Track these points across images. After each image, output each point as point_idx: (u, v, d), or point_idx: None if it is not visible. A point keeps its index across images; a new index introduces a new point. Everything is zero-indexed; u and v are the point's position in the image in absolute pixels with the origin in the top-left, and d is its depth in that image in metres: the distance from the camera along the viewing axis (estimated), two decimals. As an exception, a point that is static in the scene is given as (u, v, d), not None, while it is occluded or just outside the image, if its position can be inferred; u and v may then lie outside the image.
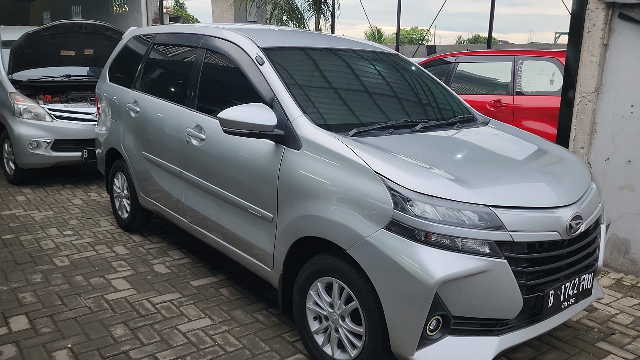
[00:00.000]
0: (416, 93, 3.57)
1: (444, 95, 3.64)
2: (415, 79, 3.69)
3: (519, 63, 6.28)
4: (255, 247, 3.02)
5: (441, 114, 3.42)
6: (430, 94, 3.60)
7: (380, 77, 3.58)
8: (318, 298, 2.65)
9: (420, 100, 3.51)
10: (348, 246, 2.38)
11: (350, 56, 3.57)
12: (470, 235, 2.20)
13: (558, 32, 27.73)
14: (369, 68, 3.60)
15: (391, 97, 3.41)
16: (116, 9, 13.05)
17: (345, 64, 3.50)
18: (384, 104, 3.28)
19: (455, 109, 3.52)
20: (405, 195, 2.24)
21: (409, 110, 3.31)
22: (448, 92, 3.71)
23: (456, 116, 3.37)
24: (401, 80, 3.65)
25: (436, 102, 3.56)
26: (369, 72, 3.56)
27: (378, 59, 3.70)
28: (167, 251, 4.20)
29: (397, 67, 3.75)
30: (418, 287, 2.14)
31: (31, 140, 5.74)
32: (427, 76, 3.78)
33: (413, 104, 3.43)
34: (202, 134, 3.35)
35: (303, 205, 2.62)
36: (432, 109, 3.46)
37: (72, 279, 3.65)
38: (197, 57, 3.62)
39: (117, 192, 4.69)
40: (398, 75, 3.68)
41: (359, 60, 3.59)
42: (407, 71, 3.73)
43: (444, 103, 3.57)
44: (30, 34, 5.96)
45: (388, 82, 3.56)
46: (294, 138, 2.73)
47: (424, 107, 3.46)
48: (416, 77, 3.72)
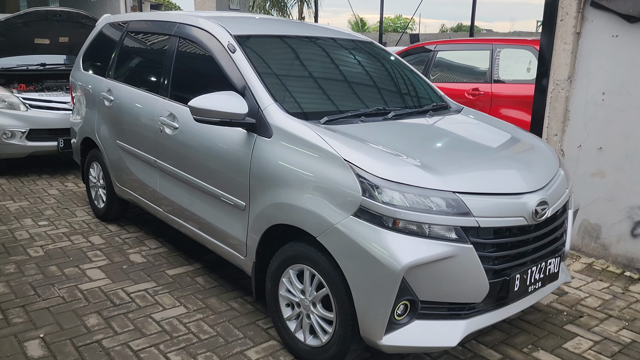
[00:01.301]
0: (390, 81, 3.58)
1: (418, 83, 3.66)
2: (390, 67, 3.70)
3: (497, 51, 6.32)
4: (228, 236, 3.03)
5: (414, 102, 3.44)
6: (404, 82, 3.62)
7: (355, 65, 3.58)
8: (290, 285, 2.67)
9: (394, 89, 3.52)
10: (318, 233, 2.39)
11: (325, 44, 3.56)
12: (437, 222, 2.23)
13: (539, 20, 27.87)
14: (343, 56, 3.60)
15: (365, 85, 3.42)
16: (94, -5, 12.83)
17: (319, 52, 3.50)
18: (357, 92, 3.29)
19: (429, 97, 3.54)
20: (373, 182, 2.26)
21: (383, 98, 3.33)
22: (422, 80, 3.73)
23: (429, 104, 3.39)
24: (375, 68, 3.66)
25: (410, 90, 3.58)
26: (343, 60, 3.56)
27: (353, 47, 3.70)
28: (144, 240, 4.19)
29: (372, 55, 3.75)
30: (385, 272, 2.16)
31: (5, 130, 5.65)
32: (401, 64, 3.79)
33: (387, 92, 3.44)
34: (175, 123, 3.34)
35: (274, 193, 2.63)
36: (405, 97, 3.47)
37: (46, 269, 3.63)
38: (171, 45, 3.59)
39: (93, 182, 4.65)
40: (372, 64, 3.69)
41: (333, 48, 3.59)
42: (381, 59, 3.74)
43: (417, 91, 3.58)
44: (2, 22, 5.85)
45: (362, 71, 3.56)
46: (265, 126, 2.73)
47: (398, 95, 3.47)
48: (391, 65, 3.73)
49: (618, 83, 3.77)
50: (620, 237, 3.87)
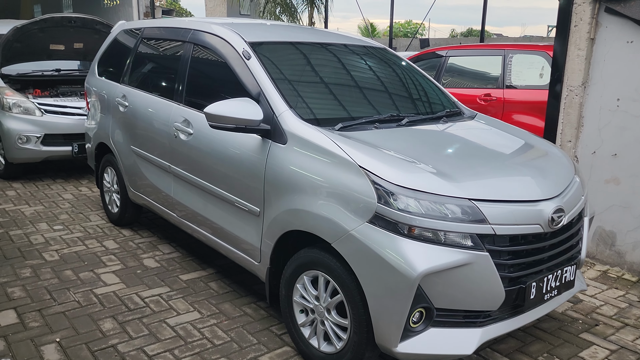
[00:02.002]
0: (403, 87, 3.59)
1: (431, 89, 3.66)
2: (403, 74, 3.70)
3: (509, 57, 6.31)
4: (242, 241, 3.04)
5: (428, 108, 3.44)
6: (417, 88, 3.62)
7: (368, 71, 3.59)
8: (304, 291, 2.67)
9: (408, 95, 3.53)
10: (333, 240, 2.40)
11: (338, 50, 3.58)
12: (452, 229, 2.22)
13: (550, 25, 27.77)
14: (356, 62, 3.61)
15: (378, 92, 3.42)
16: (107, 2, 12.97)
17: (333, 58, 3.51)
18: (371, 98, 3.30)
19: (442, 103, 3.54)
20: (388, 189, 2.26)
21: (396, 104, 3.33)
22: (435, 86, 3.73)
23: (443, 110, 3.39)
24: (389, 74, 3.66)
25: (423, 96, 3.58)
26: (357, 66, 3.57)
27: (366, 54, 3.71)
28: (157, 245, 4.21)
29: (385, 61, 3.76)
30: (401, 279, 2.16)
31: (21, 135, 5.73)
32: (414, 70, 3.79)
33: (400, 98, 3.44)
34: (189, 129, 3.36)
35: (289, 199, 2.64)
36: (419, 103, 3.47)
37: (62, 273, 3.66)
38: (185, 51, 3.62)
39: (107, 187, 4.69)
40: (386, 70, 3.69)
41: (346, 54, 3.60)
42: (394, 65, 3.75)
43: (431, 97, 3.58)
44: (19, 28, 5.93)
45: (375, 77, 3.57)
46: (279, 132, 2.74)
47: (411, 101, 3.47)
48: (404, 71, 3.73)
49: (633, 89, 3.75)
50: (636, 244, 3.83)
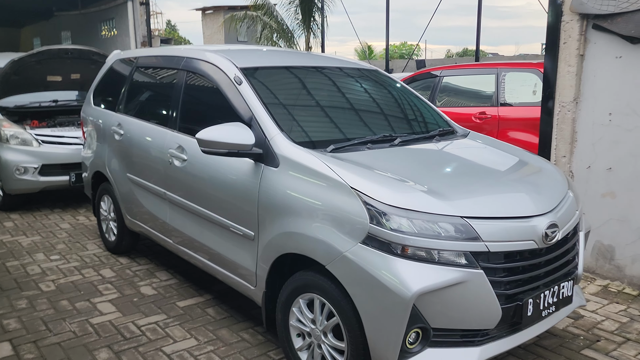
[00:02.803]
0: (396, 108, 3.61)
1: (424, 109, 3.68)
2: (395, 94, 3.73)
3: (502, 75, 6.37)
4: (238, 266, 3.02)
5: (421, 127, 3.46)
6: (409, 108, 3.64)
7: (360, 93, 3.62)
8: (300, 315, 2.65)
9: (400, 115, 3.55)
10: (327, 262, 2.39)
11: (330, 73, 3.62)
12: (446, 247, 2.21)
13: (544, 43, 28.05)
14: (348, 85, 3.64)
15: (371, 113, 3.45)
16: (105, 33, 13.14)
17: (325, 81, 3.55)
18: (363, 120, 3.32)
19: (435, 122, 3.56)
20: (380, 209, 2.26)
21: (389, 124, 3.35)
22: (428, 105, 3.75)
23: (436, 129, 3.40)
24: (381, 95, 3.69)
25: (415, 115, 3.60)
26: (349, 88, 3.60)
27: (358, 76, 3.75)
28: (155, 272, 4.19)
29: (377, 83, 3.79)
30: (396, 300, 2.14)
31: (19, 166, 5.75)
32: (406, 91, 3.83)
33: (393, 119, 3.46)
34: (183, 155, 3.37)
35: (282, 223, 2.63)
36: (412, 123, 3.50)
37: (58, 303, 3.63)
38: (179, 78, 3.65)
39: (104, 215, 4.69)
40: (378, 91, 3.72)
41: (338, 77, 3.64)
42: (387, 86, 3.78)
43: (423, 117, 3.60)
44: (16, 61, 6.00)
45: (368, 98, 3.60)
46: (272, 156, 2.75)
47: (404, 121, 3.50)
48: (396, 92, 3.76)
49: (624, 103, 3.77)
50: (635, 257, 3.81)
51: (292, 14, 19.08)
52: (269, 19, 18.89)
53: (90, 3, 13.38)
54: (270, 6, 18.70)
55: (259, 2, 18.35)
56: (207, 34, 30.78)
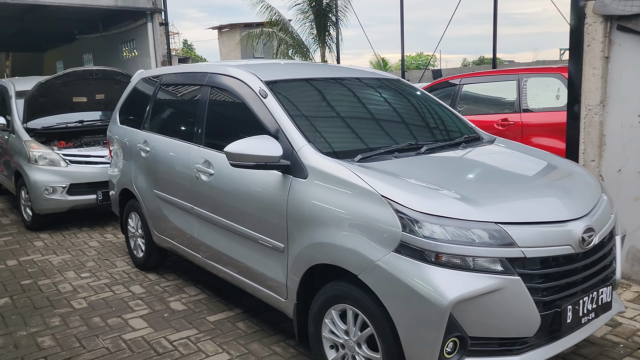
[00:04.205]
0: (420, 116, 3.60)
1: (447, 116, 3.67)
2: (418, 102, 3.72)
3: (524, 81, 6.31)
4: (268, 279, 3.02)
5: (446, 135, 3.43)
6: (433, 115, 3.63)
7: (384, 102, 3.62)
8: (333, 326, 2.63)
9: (425, 123, 3.54)
10: (359, 271, 2.37)
11: (353, 84, 3.63)
12: (481, 254, 2.18)
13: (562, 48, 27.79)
14: (372, 94, 3.65)
15: (395, 122, 3.44)
16: (126, 54, 13.42)
17: (348, 91, 3.56)
18: (388, 129, 3.31)
19: (459, 129, 3.54)
20: (412, 217, 2.24)
21: (414, 133, 3.34)
22: (451, 113, 3.73)
23: (461, 136, 3.38)
24: (404, 104, 3.68)
25: (440, 123, 3.58)
26: (372, 98, 3.61)
27: (380, 85, 3.75)
28: (183, 288, 4.21)
29: (399, 91, 3.79)
30: (432, 309, 2.12)
31: (47, 186, 5.85)
32: (429, 99, 3.81)
33: (417, 127, 3.45)
34: (210, 169, 3.40)
35: (313, 233, 2.63)
36: (436, 131, 3.48)
37: (90, 320, 3.67)
38: (203, 94, 3.70)
39: (132, 232, 4.74)
40: (401, 100, 3.72)
41: (361, 87, 3.65)
42: (409, 95, 3.77)
43: (448, 124, 3.58)
44: (42, 83, 6.14)
45: (392, 107, 3.59)
46: (299, 167, 2.76)
47: (429, 129, 3.48)
48: (419, 100, 3.75)
49: (653, 104, 3.70)
50: (672, 262, 3.71)
51: (307, 29, 19.26)
52: (284, 35, 19.08)
53: (111, 25, 13.72)
54: (285, 22, 18.91)
55: (274, 19, 18.57)
56: (224, 52, 31.17)
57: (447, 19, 20.99)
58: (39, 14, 12.70)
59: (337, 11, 18.44)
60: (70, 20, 14.19)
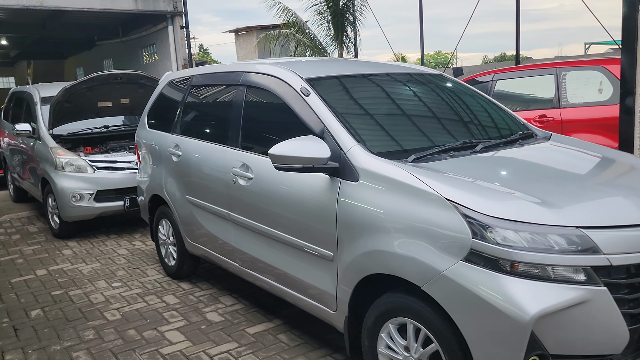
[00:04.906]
0: (470, 112, 3.38)
1: (498, 113, 3.45)
2: (466, 98, 3.50)
3: (562, 75, 6.04)
4: (314, 289, 2.84)
5: (499, 132, 3.21)
6: (483, 112, 3.41)
7: (430, 98, 3.41)
8: (391, 341, 2.43)
9: (476, 120, 3.31)
10: (422, 282, 2.17)
11: (396, 80, 3.43)
12: (561, 262, 1.97)
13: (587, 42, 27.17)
14: (417, 90, 3.44)
15: (445, 119, 3.23)
16: (146, 59, 13.38)
17: (391, 88, 3.36)
18: (438, 127, 3.11)
19: (512, 126, 3.32)
20: (483, 222, 2.03)
21: (464, 130, 3.13)
22: (502, 109, 3.51)
23: (515, 133, 3.16)
24: (452, 100, 3.47)
25: (492, 120, 3.36)
26: (418, 94, 3.40)
27: (425, 81, 3.55)
28: (218, 297, 4.05)
29: (445, 87, 3.58)
30: (511, 324, 1.91)
31: (74, 193, 5.75)
32: (477, 94, 3.60)
33: (469, 124, 3.23)
34: (249, 173, 3.23)
35: (367, 241, 2.43)
36: (489, 128, 3.25)
37: (125, 333, 3.52)
38: (238, 94, 3.53)
39: (163, 239, 4.60)
40: (447, 96, 3.50)
41: (405, 83, 3.45)
42: (456, 91, 3.56)
43: (499, 121, 3.36)
44: (68, 89, 6.04)
45: (439, 103, 3.38)
46: (349, 169, 2.57)
47: (481, 126, 3.26)
48: (466, 96, 3.54)
49: None
50: None
51: (324, 30, 19.09)
52: (301, 36, 18.94)
53: (131, 30, 13.69)
54: (302, 23, 18.77)
55: (291, 20, 18.46)
56: (241, 55, 31.14)
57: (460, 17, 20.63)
58: (60, 20, 12.71)
59: (355, 11, 18.27)
60: (90, 26, 14.20)
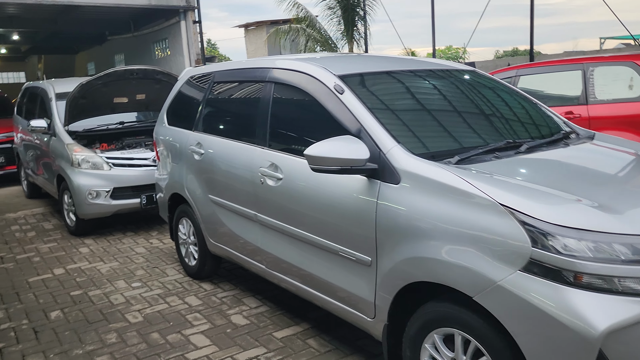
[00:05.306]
0: (509, 111, 3.23)
1: (537, 110, 3.30)
2: (504, 96, 3.36)
3: (590, 70, 5.87)
4: (350, 295, 2.71)
5: (541, 131, 3.07)
6: (522, 109, 3.27)
7: (465, 96, 3.26)
8: (436, 352, 2.31)
9: (515, 118, 3.17)
10: (474, 293, 2.04)
11: (431, 77, 3.29)
12: (629, 274, 1.84)
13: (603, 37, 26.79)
14: (451, 88, 3.30)
15: (483, 117, 3.08)
16: (158, 53, 13.28)
17: (424, 85, 3.22)
18: (478, 126, 2.96)
19: (553, 124, 3.17)
20: (544, 229, 1.90)
21: (505, 130, 2.98)
22: (540, 106, 3.37)
23: (557, 132, 3.02)
24: (489, 97, 3.32)
25: (531, 118, 3.22)
26: (455, 92, 3.26)
27: (459, 78, 3.41)
28: (242, 299, 3.94)
29: (479, 83, 3.43)
30: (577, 340, 1.78)
31: (91, 190, 5.66)
32: (514, 91, 3.46)
33: (509, 123, 3.09)
34: (278, 173, 3.11)
35: (410, 247, 2.31)
36: (529, 127, 3.11)
37: (148, 336, 3.42)
38: (264, 91, 3.40)
39: (183, 239, 4.49)
40: (485, 94, 3.35)
41: (440, 80, 3.31)
42: (492, 88, 3.42)
43: (539, 119, 3.22)
44: (84, 84, 5.94)
45: (475, 101, 3.23)
46: (390, 171, 2.44)
47: (521, 125, 3.11)
48: (503, 93, 3.39)
49: None
50: None
51: (334, 25, 18.93)
52: (312, 31, 18.79)
53: (143, 25, 13.60)
54: (312, 18, 18.63)
55: (301, 15, 18.33)
56: (251, 50, 31.01)
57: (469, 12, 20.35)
58: (71, 15, 12.65)
59: (365, 5, 18.09)
60: (101, 20, 14.13)
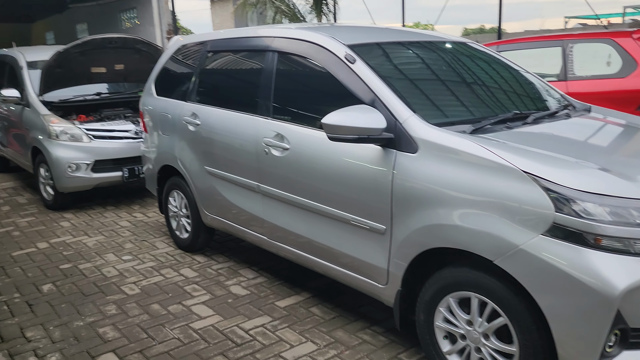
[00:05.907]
0: (512, 83, 3.31)
1: (536, 84, 3.39)
2: (504, 69, 3.42)
3: (569, 47, 6.02)
4: (361, 262, 2.76)
5: (542, 103, 3.17)
6: (523, 82, 3.35)
7: (470, 68, 3.31)
8: (450, 315, 2.39)
9: (520, 91, 3.25)
10: (495, 257, 2.12)
11: (438, 48, 3.32)
12: (644, 236, 1.94)
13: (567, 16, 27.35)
14: (456, 60, 3.34)
15: (488, 89, 3.14)
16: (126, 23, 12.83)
17: (431, 56, 3.26)
18: (484, 97, 3.02)
19: (551, 97, 3.27)
20: (567, 195, 1.98)
21: (510, 102, 3.06)
22: (540, 80, 3.46)
23: (558, 105, 3.12)
24: (491, 70, 3.37)
25: (532, 91, 3.31)
26: (458, 64, 3.30)
27: (463, 50, 3.45)
28: (238, 270, 3.95)
29: (483, 57, 3.49)
30: (598, 299, 1.88)
31: (70, 163, 5.49)
32: (511, 65, 3.53)
33: (513, 95, 3.16)
34: (284, 143, 3.10)
35: (427, 214, 2.36)
36: (532, 99, 3.20)
37: (149, 307, 3.40)
38: (268, 61, 3.36)
39: (174, 212, 4.44)
40: (486, 66, 3.41)
41: (446, 52, 3.35)
42: (494, 61, 3.47)
43: (539, 92, 3.31)
44: (61, 52, 5.70)
45: (480, 74, 3.28)
46: (407, 141, 2.47)
47: (526, 98, 3.20)
48: (504, 66, 3.45)
49: None
50: None
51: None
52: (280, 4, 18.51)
53: (109, -7, 13.08)
54: (281, -9, 18.31)
55: (270, -13, 18.00)
56: (217, 22, 30.37)
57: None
58: (30, -20, 12.03)
59: (334, -22, 17.89)
60: (62, -13, 13.51)
